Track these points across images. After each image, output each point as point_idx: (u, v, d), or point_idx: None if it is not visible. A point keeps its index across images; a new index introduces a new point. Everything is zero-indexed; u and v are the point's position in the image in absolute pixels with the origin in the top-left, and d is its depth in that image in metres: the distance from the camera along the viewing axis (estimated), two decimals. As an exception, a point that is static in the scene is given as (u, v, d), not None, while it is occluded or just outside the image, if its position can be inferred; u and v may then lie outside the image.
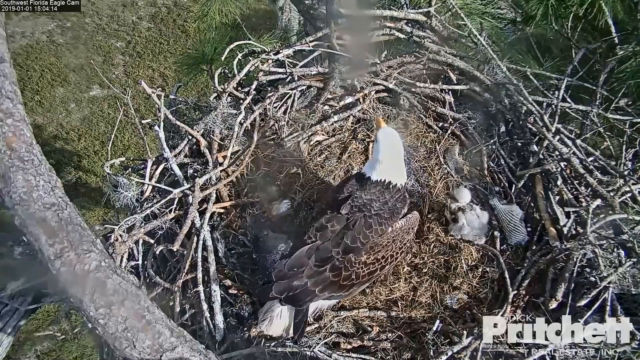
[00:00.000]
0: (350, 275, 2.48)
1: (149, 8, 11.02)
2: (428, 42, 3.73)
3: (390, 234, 2.57)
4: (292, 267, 2.44)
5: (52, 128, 9.20)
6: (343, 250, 2.46)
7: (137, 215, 2.90)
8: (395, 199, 2.66)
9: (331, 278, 2.45)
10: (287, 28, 7.40)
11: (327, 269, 2.44)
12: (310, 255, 2.46)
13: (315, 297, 2.45)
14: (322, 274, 2.44)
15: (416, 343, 2.62)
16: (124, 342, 2.07)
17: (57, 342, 7.09)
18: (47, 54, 9.98)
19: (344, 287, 2.50)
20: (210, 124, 3.29)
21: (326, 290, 2.46)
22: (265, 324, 2.51)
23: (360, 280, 2.54)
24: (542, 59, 3.84)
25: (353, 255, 2.47)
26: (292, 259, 2.47)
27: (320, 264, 2.44)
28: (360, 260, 2.49)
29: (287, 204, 3.09)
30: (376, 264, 2.55)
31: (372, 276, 2.59)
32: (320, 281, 2.43)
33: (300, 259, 2.46)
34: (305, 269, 2.43)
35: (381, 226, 2.54)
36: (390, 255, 2.60)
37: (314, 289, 2.42)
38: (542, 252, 2.85)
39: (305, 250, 2.48)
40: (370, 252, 2.51)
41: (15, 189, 2.12)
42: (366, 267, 2.52)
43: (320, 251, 2.47)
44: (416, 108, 3.58)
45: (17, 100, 2.27)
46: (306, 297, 2.42)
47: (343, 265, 2.46)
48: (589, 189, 3.05)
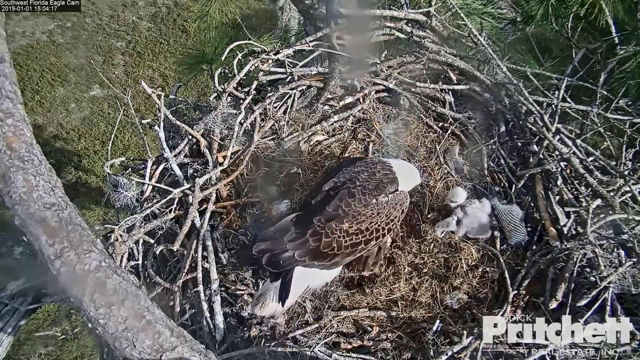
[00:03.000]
0: (331, 243, 2.48)
1: (149, 8, 11.02)
2: (428, 42, 3.73)
3: (375, 206, 2.56)
4: (275, 232, 2.51)
5: (52, 128, 9.20)
6: (325, 218, 2.48)
7: (137, 215, 2.90)
8: (384, 174, 2.66)
9: (311, 243, 2.46)
10: (287, 28, 7.41)
11: (308, 234, 2.46)
12: (294, 222, 2.52)
13: (295, 261, 2.46)
14: (302, 238, 2.46)
15: (416, 343, 2.62)
16: (124, 342, 2.08)
17: (58, 342, 7.09)
18: (47, 54, 9.98)
19: (325, 255, 2.50)
20: (210, 124, 3.29)
21: (306, 256, 2.47)
22: (259, 307, 2.52)
23: (343, 252, 2.53)
24: (542, 59, 3.84)
25: (335, 222, 2.48)
26: (277, 225, 2.55)
27: (301, 231, 2.47)
28: (341, 228, 2.49)
29: (287, 204, 3.09)
30: (359, 235, 2.53)
31: (356, 249, 2.57)
32: (300, 245, 2.45)
33: (283, 225, 2.53)
34: (287, 233, 2.48)
35: (364, 196, 2.54)
36: (375, 229, 2.57)
37: (294, 252, 2.44)
38: (542, 252, 2.85)
39: (290, 218, 2.55)
40: (352, 221, 2.51)
41: (15, 189, 2.13)
42: (348, 236, 2.51)
43: (303, 218, 2.51)
44: (416, 108, 3.58)
45: (17, 100, 2.27)
46: (285, 261, 2.44)
47: (324, 232, 2.47)
48: (589, 189, 3.05)
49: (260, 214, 3.10)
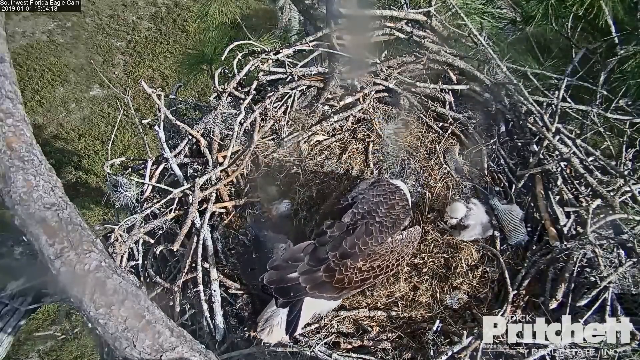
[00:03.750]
0: (343, 279, 2.48)
1: (149, 8, 11.01)
2: (428, 42, 3.73)
3: (390, 244, 2.56)
4: (287, 259, 2.47)
5: (52, 128, 9.20)
6: (340, 255, 2.46)
7: (137, 215, 2.90)
8: (401, 207, 2.65)
9: (324, 278, 2.45)
10: (287, 28, 7.42)
11: (322, 269, 2.45)
12: (307, 252, 2.48)
13: (304, 294, 2.45)
14: (315, 272, 2.45)
15: (416, 343, 2.62)
16: (124, 342, 2.08)
17: (58, 342, 7.10)
18: (47, 54, 9.98)
19: (335, 289, 2.50)
20: (210, 124, 3.29)
21: (316, 289, 2.46)
22: (266, 333, 2.49)
23: (352, 286, 2.54)
24: (542, 59, 3.84)
25: (350, 260, 2.47)
26: (289, 252, 2.52)
27: (315, 263, 2.45)
28: (355, 266, 2.49)
29: (287, 204, 3.09)
30: (370, 272, 2.54)
31: (365, 283, 2.59)
32: (312, 279, 2.44)
33: (296, 253, 2.49)
34: (300, 264, 2.45)
35: (381, 234, 2.53)
36: (385, 266, 2.59)
37: (305, 285, 2.43)
38: (542, 252, 2.85)
39: (302, 246, 2.51)
40: (366, 259, 2.51)
41: (15, 189, 2.13)
42: (360, 273, 2.51)
43: (318, 251, 2.48)
44: (416, 108, 3.57)
45: (17, 100, 2.27)
46: (296, 292, 2.43)
47: (338, 268, 2.46)
48: (589, 189, 3.05)
49: (260, 214, 3.09)
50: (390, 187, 2.73)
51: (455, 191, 3.26)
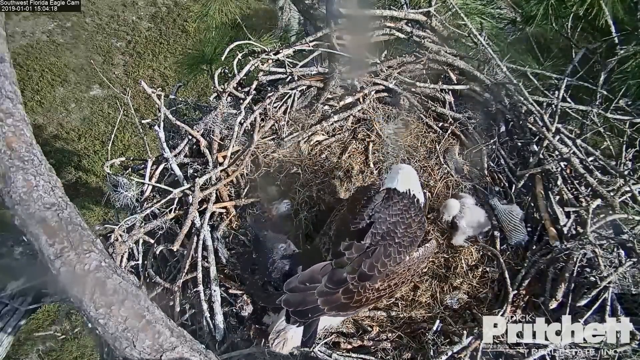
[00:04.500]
0: (361, 299, 2.47)
1: (149, 8, 11.01)
2: (428, 42, 3.73)
3: (407, 263, 2.55)
4: (304, 281, 2.42)
5: (52, 128, 9.20)
6: (359, 277, 2.42)
7: (137, 215, 2.90)
8: (418, 223, 2.61)
9: (342, 300, 2.43)
10: (287, 28, 7.41)
11: (340, 291, 2.41)
12: (325, 273, 2.43)
13: (322, 314, 2.44)
14: (334, 295, 2.41)
15: (416, 343, 2.62)
16: (124, 342, 2.08)
17: (58, 342, 7.09)
18: (47, 54, 9.97)
19: (352, 308, 2.50)
20: (210, 124, 3.29)
21: (334, 310, 2.45)
22: (280, 345, 2.46)
23: (368, 303, 2.56)
24: (542, 59, 3.84)
25: (369, 282, 2.45)
26: (306, 273, 2.45)
27: (333, 286, 2.41)
28: (374, 287, 2.48)
29: (287, 204, 3.09)
30: (387, 289, 2.54)
31: (380, 299, 2.62)
32: (330, 301, 2.41)
33: (313, 275, 2.43)
34: (318, 286, 2.41)
35: (400, 255, 2.50)
36: (402, 282, 2.60)
37: (324, 307, 2.40)
38: (542, 252, 2.85)
39: (320, 267, 2.45)
40: (385, 280, 2.49)
41: (15, 189, 2.13)
42: (377, 292, 2.51)
43: (336, 273, 2.43)
44: (416, 108, 3.58)
45: (17, 100, 2.27)
46: (314, 314, 2.41)
47: (357, 290, 2.44)
48: (589, 189, 3.05)
49: (260, 214, 3.09)
50: (405, 204, 2.62)
51: (455, 191, 3.26)
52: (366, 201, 2.63)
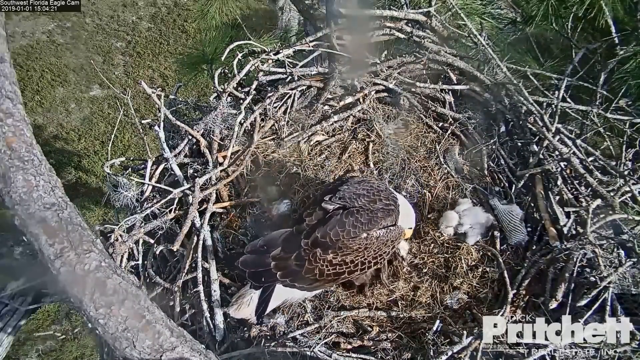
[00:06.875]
0: (313, 270, 2.48)
1: (149, 8, 11.01)
2: (428, 42, 3.73)
3: (364, 240, 2.50)
4: (263, 245, 2.51)
5: (52, 128, 9.20)
6: (311, 243, 2.47)
7: (137, 215, 2.90)
8: (384, 204, 2.58)
9: (294, 267, 2.47)
10: (287, 28, 7.40)
11: (293, 257, 2.47)
12: (283, 239, 2.52)
13: (275, 280, 2.49)
14: (286, 260, 2.48)
15: (416, 343, 2.62)
16: (124, 342, 2.07)
17: (57, 342, 7.10)
18: (47, 54, 9.98)
19: (305, 279, 2.51)
20: (210, 124, 3.29)
21: (287, 277, 2.49)
22: (234, 309, 2.55)
23: (325, 279, 2.53)
24: (542, 59, 3.84)
25: (319, 250, 2.46)
26: (266, 238, 2.56)
27: (287, 250, 2.48)
28: (325, 258, 2.47)
29: (287, 204, 3.09)
30: (343, 266, 2.51)
31: (339, 278, 2.56)
32: (283, 266, 2.47)
33: (272, 240, 2.53)
34: (274, 250, 2.49)
35: (355, 229, 2.47)
36: (360, 262, 2.54)
37: (276, 272, 2.46)
38: (542, 252, 2.85)
39: (280, 232, 2.54)
40: (337, 252, 2.48)
41: (15, 189, 2.12)
42: (332, 266, 2.49)
43: (292, 238, 2.51)
44: (416, 108, 3.58)
45: (17, 100, 2.27)
46: (268, 278, 2.47)
47: (307, 258, 2.47)
48: (589, 189, 3.05)
49: (260, 214, 3.10)
50: (380, 186, 2.66)
51: (455, 191, 3.26)
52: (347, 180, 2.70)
